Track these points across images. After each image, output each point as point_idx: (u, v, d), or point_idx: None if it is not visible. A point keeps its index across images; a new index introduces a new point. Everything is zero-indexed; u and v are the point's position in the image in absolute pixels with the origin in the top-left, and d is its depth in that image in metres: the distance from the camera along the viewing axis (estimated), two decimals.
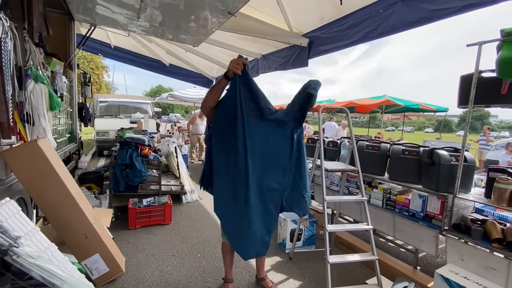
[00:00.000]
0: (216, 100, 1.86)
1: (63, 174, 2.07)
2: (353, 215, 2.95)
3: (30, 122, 2.22)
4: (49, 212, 1.99)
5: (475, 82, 1.83)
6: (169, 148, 4.79)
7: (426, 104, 9.88)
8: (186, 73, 7.11)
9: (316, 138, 3.31)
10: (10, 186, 2.00)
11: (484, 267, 1.78)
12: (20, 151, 1.89)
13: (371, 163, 2.63)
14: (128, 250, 2.76)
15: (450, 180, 2.04)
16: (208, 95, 1.86)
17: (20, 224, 1.55)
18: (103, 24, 4.20)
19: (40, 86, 2.30)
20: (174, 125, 12.67)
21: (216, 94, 1.84)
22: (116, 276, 2.26)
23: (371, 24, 2.64)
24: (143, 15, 3.30)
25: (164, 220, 3.42)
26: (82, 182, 4.15)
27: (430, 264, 2.77)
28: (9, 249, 1.34)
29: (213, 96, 1.84)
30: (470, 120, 1.97)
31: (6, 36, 1.79)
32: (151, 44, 5.78)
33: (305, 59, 3.63)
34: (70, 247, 2.05)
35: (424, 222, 2.19)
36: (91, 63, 18.68)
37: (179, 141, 7.70)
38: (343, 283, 2.34)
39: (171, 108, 36.55)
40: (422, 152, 2.29)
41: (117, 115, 8.70)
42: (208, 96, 1.86)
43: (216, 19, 3.15)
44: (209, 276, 2.40)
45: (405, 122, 22.72)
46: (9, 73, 1.83)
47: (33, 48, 2.36)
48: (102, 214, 2.88)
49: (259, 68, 4.75)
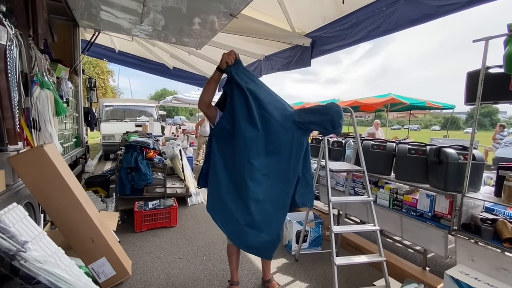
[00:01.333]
0: (211, 94, 1.84)
1: (69, 179, 2.09)
2: (359, 216, 2.91)
3: (37, 128, 2.26)
4: (56, 216, 2.01)
5: (482, 78, 1.79)
6: (174, 150, 4.81)
7: (433, 102, 9.74)
8: (190, 75, 7.15)
9: (321, 138, 3.28)
10: (18, 191, 2.03)
11: (495, 267, 1.74)
12: (26, 157, 1.91)
13: (377, 163, 2.60)
14: (134, 253, 2.77)
15: (458, 179, 2.00)
16: (203, 90, 1.84)
17: (27, 229, 1.57)
18: (107, 29, 4.26)
19: (46, 92, 2.33)
20: (178, 127, 12.75)
21: (210, 88, 1.82)
22: (123, 280, 2.27)
23: (374, 22, 2.61)
24: (146, 19, 3.33)
25: (169, 222, 3.44)
26: (88, 186, 4.20)
27: (440, 265, 2.72)
28: (16, 254, 1.35)
29: (207, 90, 1.82)
30: (478, 117, 1.93)
31: (12, 43, 1.81)
32: (155, 48, 5.83)
33: (308, 59, 3.61)
34: (77, 251, 2.07)
35: (433, 222, 2.15)
36: (96, 68, 18.95)
37: (184, 144, 7.74)
38: (351, 285, 2.31)
39: (176, 111, 36.80)
40: (429, 151, 2.25)
41: (123, 119, 8.80)
42: (203, 91, 1.84)
43: (218, 22, 3.16)
44: (215, 278, 2.40)
45: (411, 120, 22.44)
46: (15, 80, 1.85)
47: (39, 54, 2.40)
48: (108, 218, 2.90)
49: (262, 69, 4.74)
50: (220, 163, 1.88)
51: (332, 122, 1.81)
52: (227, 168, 1.87)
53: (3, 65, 1.70)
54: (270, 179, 1.86)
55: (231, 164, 1.86)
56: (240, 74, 1.81)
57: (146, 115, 9.25)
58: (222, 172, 1.87)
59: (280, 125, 1.83)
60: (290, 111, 1.91)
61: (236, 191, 1.85)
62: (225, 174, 1.87)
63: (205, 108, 1.87)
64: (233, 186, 1.86)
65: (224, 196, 1.86)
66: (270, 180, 1.86)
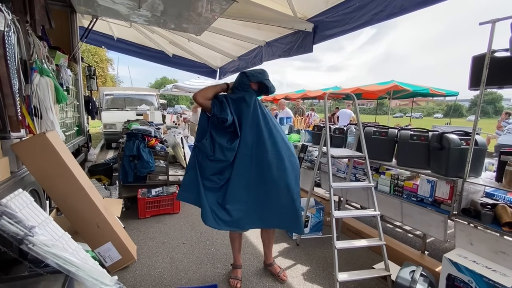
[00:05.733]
0: (212, 94, 2.01)
1: (73, 166, 2.11)
2: (360, 201, 2.94)
3: (38, 116, 2.25)
4: (61, 202, 2.05)
5: (488, 62, 1.75)
6: (175, 139, 4.82)
7: (436, 89, 9.62)
8: (190, 63, 7.05)
9: (322, 125, 3.27)
10: (23, 178, 2.05)
11: (494, 251, 1.77)
12: (29, 144, 1.92)
13: (379, 149, 2.60)
14: (139, 238, 2.84)
15: (459, 165, 2.00)
16: (207, 89, 2.03)
17: (33, 214, 1.60)
18: (105, 15, 4.16)
19: (45, 79, 2.31)
20: (179, 116, 12.71)
21: (214, 90, 2.03)
22: (129, 263, 2.33)
23: (378, 6, 2.55)
24: (144, 4, 3.25)
25: (173, 209, 3.49)
26: (92, 174, 4.24)
27: (438, 249, 2.77)
28: (24, 238, 1.38)
29: (211, 91, 2.02)
30: (481, 104, 1.91)
31: (9, 29, 1.79)
32: (154, 34, 5.72)
33: (309, 45, 3.55)
34: (83, 236, 2.12)
35: (433, 207, 2.17)
36: (95, 56, 18.73)
37: (185, 132, 7.74)
38: (351, 268, 2.36)
39: (176, 100, 36.60)
40: (431, 137, 2.24)
41: (123, 107, 8.76)
42: (207, 89, 2.02)
43: (218, 6, 3.08)
44: (218, 262, 2.46)
45: (414, 108, 22.23)
46: (15, 67, 1.84)
47: (37, 41, 2.36)
48: (112, 204, 2.95)
49: (263, 55, 4.67)
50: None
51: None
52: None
53: (2, 52, 1.68)
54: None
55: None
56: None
57: (147, 103, 9.21)
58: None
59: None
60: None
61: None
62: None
63: (204, 100, 1.97)
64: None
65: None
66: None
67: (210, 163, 1.92)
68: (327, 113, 2.58)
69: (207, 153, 1.92)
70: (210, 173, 1.94)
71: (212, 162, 1.92)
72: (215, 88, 2.04)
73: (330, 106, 15.00)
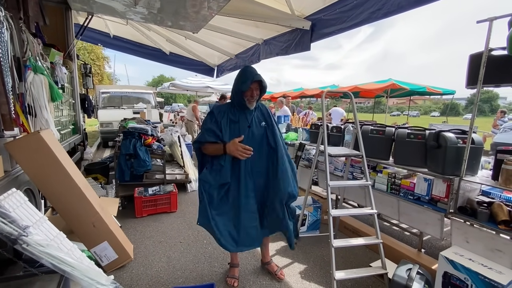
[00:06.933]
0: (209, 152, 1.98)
1: (67, 164, 2.09)
2: (357, 200, 2.95)
3: (32, 114, 2.22)
4: (56, 201, 2.03)
5: (485, 60, 1.75)
6: (172, 137, 4.80)
7: (433, 87, 9.65)
8: (187, 61, 7.00)
9: (320, 124, 3.27)
10: (17, 177, 2.03)
11: (490, 249, 1.78)
12: (23, 143, 1.90)
13: (376, 148, 2.60)
14: (136, 237, 2.82)
15: (456, 163, 2.00)
16: (210, 149, 1.94)
17: (28, 213, 1.57)
18: (101, 12, 4.11)
19: (39, 77, 2.28)
20: (177, 114, 12.65)
21: (212, 150, 1.94)
22: (125, 263, 2.32)
23: (376, 4, 2.53)
24: (140, 1, 3.21)
25: (170, 208, 3.48)
26: (88, 173, 4.21)
27: (435, 247, 2.79)
28: (18, 238, 1.36)
29: (210, 151, 1.95)
30: (478, 102, 1.91)
31: (2, 26, 1.76)
32: (150, 32, 5.67)
33: (307, 43, 3.53)
34: (78, 236, 2.10)
35: (429, 206, 2.17)
36: (91, 54, 18.54)
37: (182, 131, 7.71)
38: (348, 267, 2.37)
39: (174, 98, 36.41)
40: (428, 135, 2.25)
41: (120, 106, 8.70)
42: (209, 150, 1.95)
43: (215, 3, 3.05)
44: (215, 261, 2.45)
45: (411, 107, 22.35)
46: (8, 64, 1.81)
47: (31, 38, 2.33)
48: (109, 204, 2.93)
49: (260, 53, 4.65)
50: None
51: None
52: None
53: None
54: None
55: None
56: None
57: (144, 102, 9.15)
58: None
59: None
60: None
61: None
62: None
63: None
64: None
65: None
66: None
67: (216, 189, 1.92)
68: (324, 112, 2.57)
69: (209, 182, 1.90)
70: (218, 198, 1.93)
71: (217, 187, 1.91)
72: (212, 150, 1.97)
73: (328, 104, 15.02)
